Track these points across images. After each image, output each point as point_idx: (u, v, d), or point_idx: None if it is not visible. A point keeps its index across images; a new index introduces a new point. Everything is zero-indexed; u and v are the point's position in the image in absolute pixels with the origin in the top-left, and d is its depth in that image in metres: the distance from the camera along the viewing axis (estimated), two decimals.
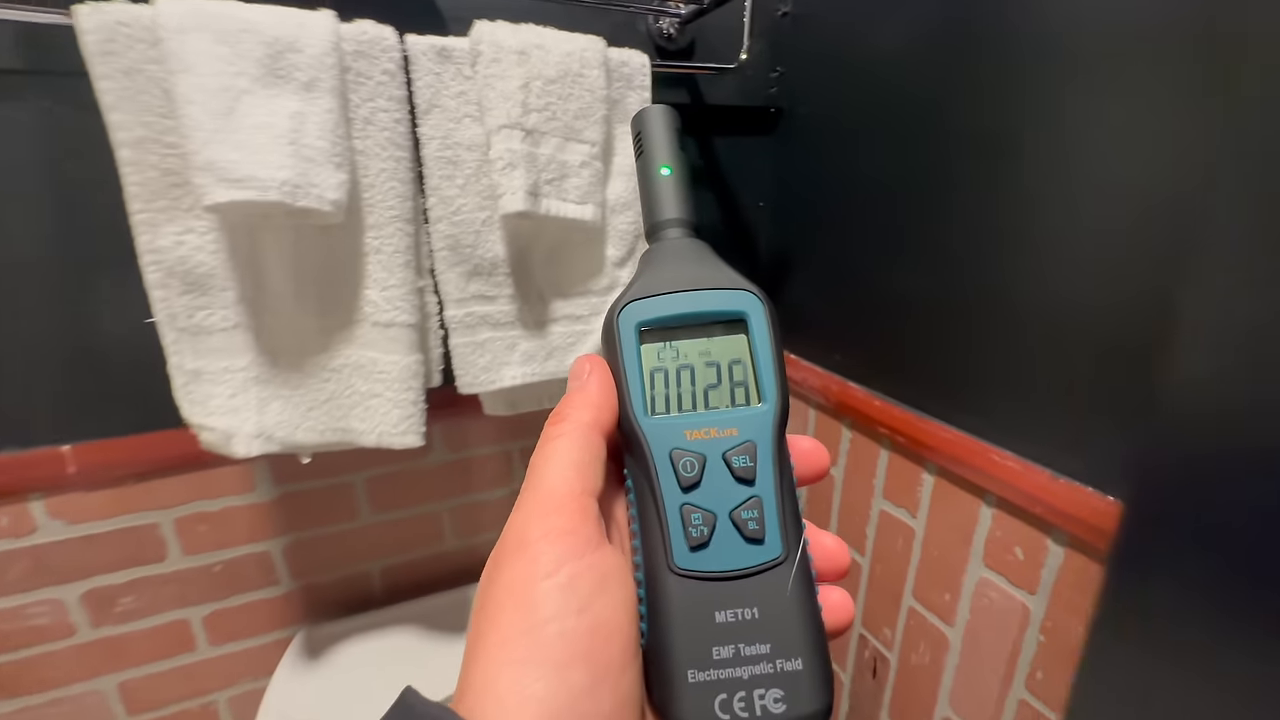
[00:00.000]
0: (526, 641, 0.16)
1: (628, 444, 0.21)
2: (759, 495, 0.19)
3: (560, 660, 0.16)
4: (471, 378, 0.59)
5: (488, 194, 0.56)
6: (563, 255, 0.61)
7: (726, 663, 0.18)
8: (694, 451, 0.19)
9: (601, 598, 0.17)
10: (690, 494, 0.19)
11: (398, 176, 0.52)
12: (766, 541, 0.19)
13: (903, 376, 0.70)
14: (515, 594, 0.17)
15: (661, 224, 0.23)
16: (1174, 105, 0.43)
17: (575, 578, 0.17)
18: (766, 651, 0.18)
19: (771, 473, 0.20)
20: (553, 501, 0.18)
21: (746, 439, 0.20)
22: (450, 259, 0.57)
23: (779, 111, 0.85)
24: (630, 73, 0.58)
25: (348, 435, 0.56)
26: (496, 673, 0.15)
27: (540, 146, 0.54)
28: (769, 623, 0.18)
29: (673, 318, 0.21)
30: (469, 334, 0.59)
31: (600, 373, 0.21)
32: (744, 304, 0.21)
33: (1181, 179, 0.43)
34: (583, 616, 0.16)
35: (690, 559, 0.19)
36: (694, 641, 0.18)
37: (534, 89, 0.53)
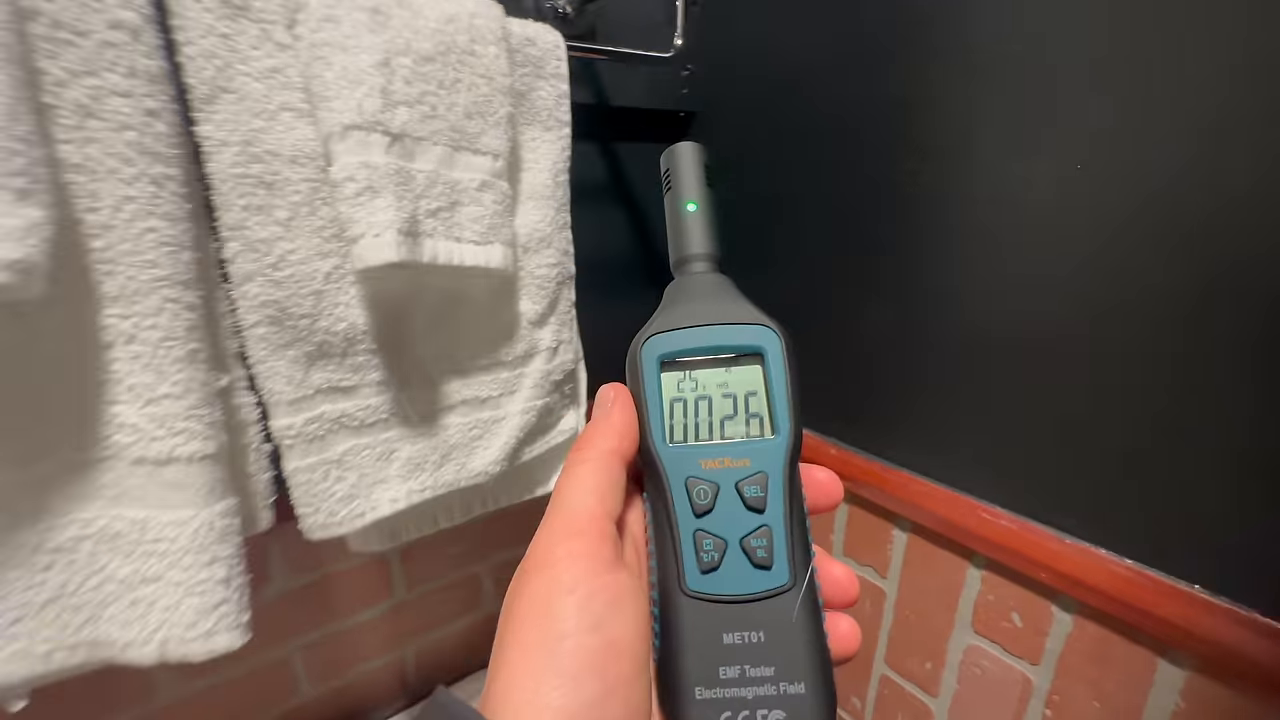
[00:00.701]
0: (544, 653, 0.17)
1: (647, 470, 0.21)
2: (768, 524, 0.20)
3: (574, 672, 0.16)
4: (326, 515, 0.38)
5: (332, 233, 0.36)
6: (457, 317, 0.42)
7: (732, 682, 0.18)
8: (708, 480, 0.20)
9: (615, 616, 0.18)
10: (703, 520, 0.20)
11: (160, 210, 0.30)
12: (774, 568, 0.19)
13: (860, 420, 0.61)
14: (537, 608, 0.18)
15: (687, 258, 0.24)
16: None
17: (591, 596, 0.18)
18: (771, 674, 0.18)
19: (781, 502, 0.20)
20: (575, 525, 0.19)
21: (759, 469, 0.20)
22: (274, 338, 0.35)
23: (689, 116, 0.72)
24: (539, 55, 0.41)
25: (99, 651, 0.32)
26: (517, 680, 0.16)
27: (416, 160, 0.35)
28: (774, 646, 0.19)
29: (693, 350, 0.22)
30: (317, 450, 0.37)
31: (623, 401, 0.21)
32: (761, 339, 0.22)
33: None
34: (596, 633, 0.17)
35: (701, 581, 0.19)
36: (702, 660, 0.19)
37: (399, 70, 0.34)
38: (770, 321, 0.22)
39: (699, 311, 0.22)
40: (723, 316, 0.22)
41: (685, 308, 0.22)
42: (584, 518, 0.19)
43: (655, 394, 0.21)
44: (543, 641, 0.17)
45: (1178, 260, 0.38)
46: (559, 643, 0.17)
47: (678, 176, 0.24)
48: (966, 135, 0.47)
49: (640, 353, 0.22)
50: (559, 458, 0.51)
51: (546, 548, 0.19)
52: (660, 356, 0.21)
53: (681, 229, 0.24)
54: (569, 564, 0.18)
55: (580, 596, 0.17)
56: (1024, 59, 0.43)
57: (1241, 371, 0.37)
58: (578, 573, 0.18)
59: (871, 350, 0.57)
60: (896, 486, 0.59)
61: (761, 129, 0.64)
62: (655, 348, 0.21)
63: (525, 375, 0.45)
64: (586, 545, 0.18)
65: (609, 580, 0.18)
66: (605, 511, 0.19)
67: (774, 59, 0.61)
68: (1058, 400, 0.46)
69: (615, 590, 0.18)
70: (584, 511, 0.19)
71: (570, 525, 0.19)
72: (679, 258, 0.24)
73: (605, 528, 0.19)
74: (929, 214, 0.51)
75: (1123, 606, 0.45)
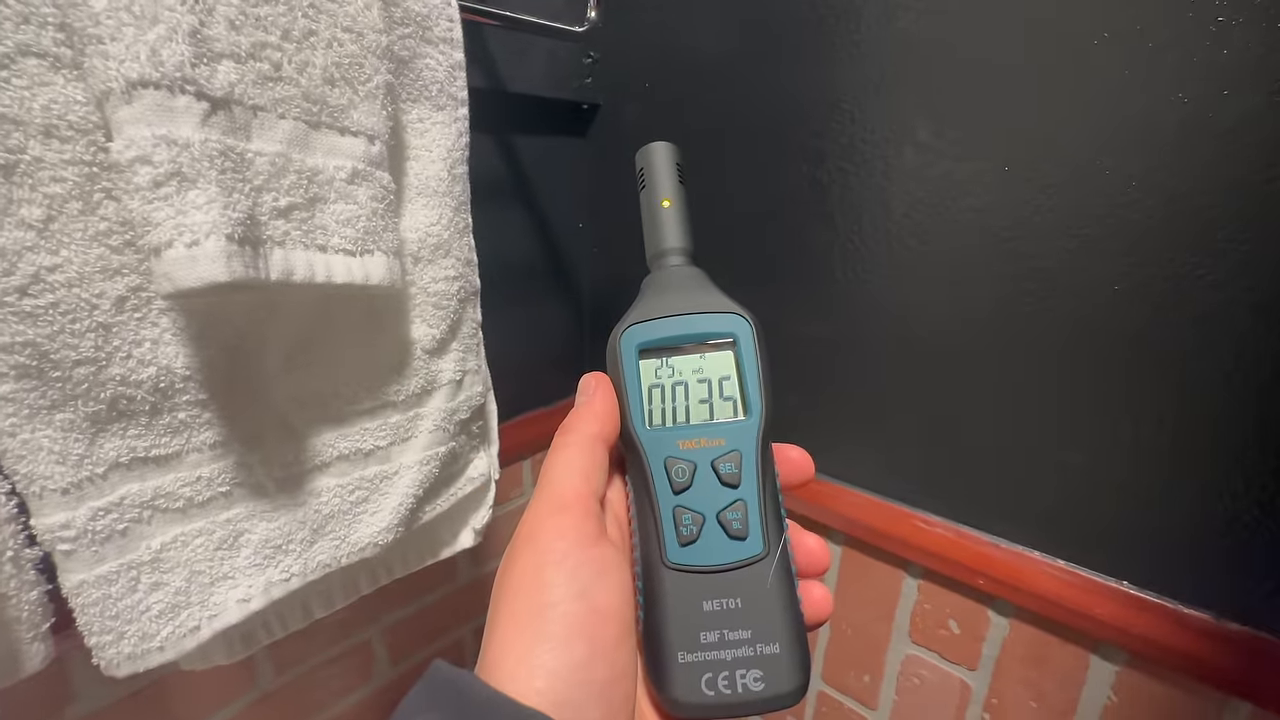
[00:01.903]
0: (536, 619, 0.18)
1: (628, 452, 0.23)
2: (743, 498, 0.21)
3: (563, 636, 0.18)
4: (136, 641, 0.26)
5: (121, 240, 0.24)
6: (327, 348, 0.32)
7: (712, 646, 0.20)
8: (685, 459, 0.21)
9: (599, 584, 0.19)
10: (681, 496, 0.21)
11: None
12: (749, 539, 0.21)
13: (789, 432, 0.58)
14: (527, 579, 0.19)
15: (663, 252, 0.25)
16: None
17: (578, 567, 0.19)
18: (748, 637, 0.20)
19: (755, 478, 0.21)
20: (560, 501, 0.20)
21: (733, 448, 0.22)
22: (30, 397, 0.23)
23: (594, 108, 0.66)
24: (425, 12, 0.32)
25: None
26: (511, 644, 0.18)
27: (253, 139, 0.25)
28: (750, 611, 0.20)
29: (669, 339, 0.23)
30: (115, 551, 0.26)
31: (604, 388, 0.23)
32: (733, 326, 0.23)
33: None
34: (583, 600, 0.18)
35: (681, 554, 0.21)
36: (684, 627, 0.20)
37: (221, 7, 0.23)
38: (742, 310, 0.23)
39: (674, 302, 0.23)
40: (697, 306, 0.23)
41: (661, 298, 0.23)
42: (569, 495, 0.20)
43: (634, 380, 0.22)
44: (533, 609, 0.18)
45: (1117, 264, 0.38)
46: (548, 609, 0.18)
47: (652, 174, 0.26)
48: (886, 132, 0.45)
49: (620, 342, 0.23)
50: (469, 511, 0.42)
51: (534, 524, 0.20)
52: (639, 345, 0.23)
53: (657, 225, 0.25)
54: (556, 537, 0.19)
55: (568, 567, 0.19)
56: (944, 50, 0.41)
57: (1158, 370, 0.38)
58: (565, 546, 0.19)
59: (798, 356, 0.54)
60: (828, 498, 0.57)
61: (669, 127, 0.59)
62: (634, 337, 0.23)
63: (422, 417, 0.36)
64: (572, 520, 0.20)
65: (594, 553, 0.19)
66: (590, 490, 0.21)
67: (681, 52, 0.56)
68: (986, 407, 0.45)
69: (600, 562, 0.19)
70: (570, 489, 0.20)
71: (556, 502, 0.20)
72: (655, 252, 0.25)
73: (590, 505, 0.20)
74: (849, 217, 0.48)
75: (1057, 607, 0.45)
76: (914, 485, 0.52)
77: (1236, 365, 0.35)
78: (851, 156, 0.47)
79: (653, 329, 0.23)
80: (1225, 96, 0.33)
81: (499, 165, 0.59)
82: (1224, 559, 0.38)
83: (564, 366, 0.71)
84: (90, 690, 0.44)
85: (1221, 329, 0.35)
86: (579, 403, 0.23)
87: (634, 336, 0.23)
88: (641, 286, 0.25)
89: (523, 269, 0.64)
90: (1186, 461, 0.38)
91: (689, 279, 0.24)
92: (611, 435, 0.22)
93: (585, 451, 0.21)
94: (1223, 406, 0.36)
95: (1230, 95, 0.33)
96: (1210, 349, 0.36)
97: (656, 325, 0.23)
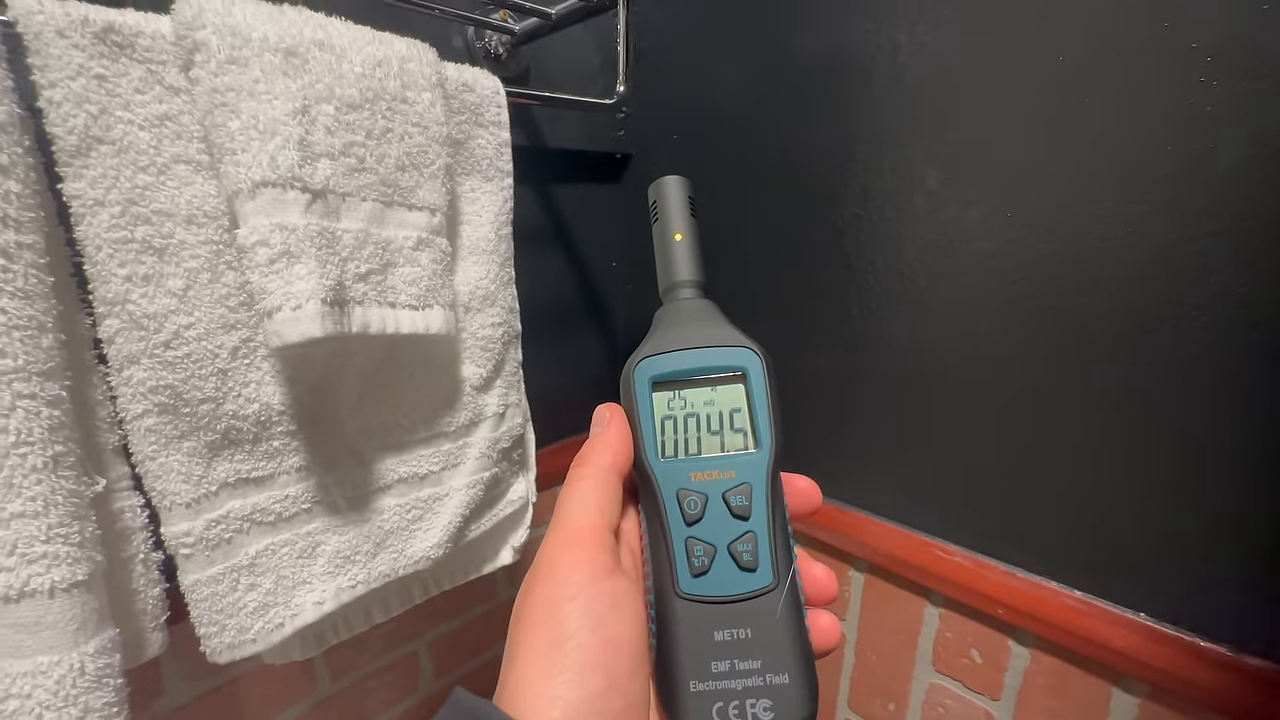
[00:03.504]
0: (552, 651, 0.18)
1: (641, 483, 0.23)
2: (753, 530, 0.21)
3: (579, 667, 0.18)
4: (235, 633, 0.32)
5: (238, 302, 0.30)
6: (392, 388, 0.37)
7: (723, 675, 0.20)
8: (697, 491, 0.22)
9: (614, 617, 0.19)
10: (693, 528, 0.22)
11: (11, 287, 0.24)
12: (759, 571, 0.21)
13: (810, 463, 0.61)
14: (544, 611, 0.19)
15: (674, 285, 0.26)
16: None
17: (593, 600, 0.19)
18: (758, 667, 0.20)
19: (765, 510, 0.22)
20: (576, 535, 0.21)
21: (743, 480, 0.22)
22: (166, 429, 0.29)
23: (627, 158, 0.72)
24: (477, 102, 0.38)
25: None
26: (529, 675, 0.18)
27: (342, 219, 0.31)
28: (760, 642, 0.20)
29: (681, 372, 0.23)
30: (222, 556, 0.31)
31: (619, 420, 0.23)
32: (744, 360, 0.23)
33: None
34: (598, 632, 0.19)
35: (693, 584, 0.21)
36: (695, 656, 0.20)
37: (320, 119, 0.30)
38: (752, 344, 0.24)
39: (686, 335, 0.24)
40: (708, 340, 0.23)
41: (674, 332, 0.24)
42: (584, 528, 0.21)
43: (648, 412, 0.23)
44: (550, 641, 0.18)
45: (1118, 304, 0.40)
46: (565, 642, 0.18)
47: (665, 208, 0.26)
48: (897, 180, 0.48)
49: (633, 374, 0.23)
50: (509, 530, 0.47)
51: (551, 557, 0.20)
52: (652, 377, 0.23)
53: (669, 258, 0.26)
54: (571, 571, 0.20)
55: (583, 601, 0.19)
56: (949, 105, 0.45)
57: (1175, 408, 0.39)
58: (580, 579, 0.20)
59: (818, 389, 0.57)
60: (850, 526, 0.58)
61: (695, 173, 0.63)
62: (647, 370, 0.23)
63: (470, 446, 0.41)
64: (587, 554, 0.20)
65: (608, 585, 0.20)
66: (604, 522, 0.21)
67: (705, 106, 0.61)
68: (1003, 439, 0.47)
69: (614, 594, 0.20)
70: (584, 523, 0.21)
71: (571, 535, 0.21)
72: (667, 284, 0.26)
73: (604, 537, 0.21)
74: (864, 258, 0.52)
75: (1076, 638, 0.46)
76: (933, 514, 0.53)
77: (1237, 403, 0.36)
78: (865, 202, 0.51)
79: (665, 362, 0.23)
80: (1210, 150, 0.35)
81: (540, 214, 0.65)
82: (1241, 592, 0.39)
83: (598, 396, 0.75)
84: (176, 686, 0.50)
85: (1217, 368, 0.37)
86: (593, 433, 0.23)
87: (647, 369, 0.23)
88: (654, 319, 0.25)
89: (561, 306, 0.69)
90: (1201, 495, 0.39)
91: (700, 312, 0.25)
92: (625, 465, 0.23)
93: (600, 483, 0.22)
94: (1237, 441, 0.37)
95: (1216, 148, 0.35)
96: (1210, 386, 0.37)
97: (669, 359, 0.23)
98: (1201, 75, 0.35)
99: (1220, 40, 0.34)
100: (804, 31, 0.52)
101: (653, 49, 0.65)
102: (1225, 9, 0.34)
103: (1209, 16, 0.34)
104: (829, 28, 0.50)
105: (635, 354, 0.24)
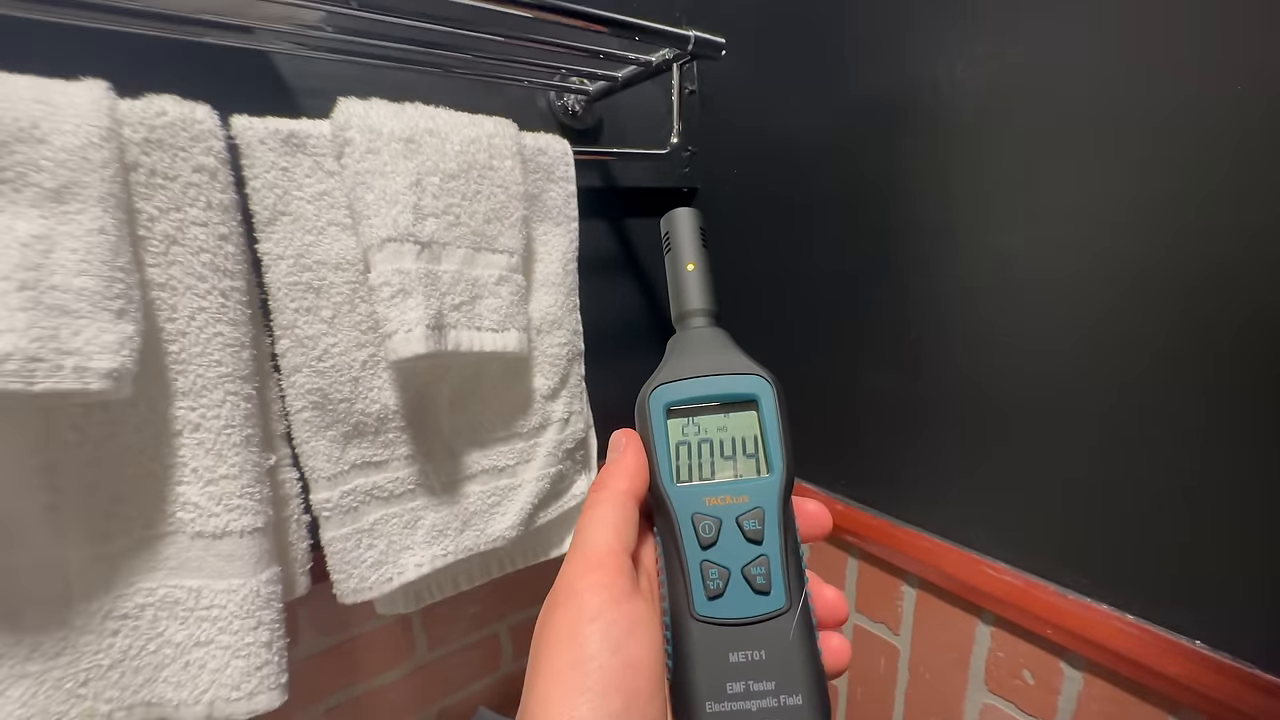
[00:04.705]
0: (574, 673, 0.19)
1: (657, 507, 0.24)
2: (766, 554, 0.22)
3: (600, 689, 0.19)
4: (358, 581, 0.42)
5: (367, 326, 0.40)
6: (477, 395, 0.46)
7: (738, 696, 0.21)
8: (712, 515, 0.23)
9: (633, 639, 0.20)
10: (708, 552, 0.22)
11: (226, 317, 0.35)
12: (772, 593, 0.22)
13: (867, 479, 0.63)
14: (565, 634, 0.20)
15: (687, 313, 0.27)
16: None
17: (612, 623, 0.20)
18: (772, 688, 0.21)
19: (777, 534, 0.22)
20: (595, 559, 0.21)
21: (756, 505, 0.23)
22: (316, 421, 0.40)
23: (693, 191, 0.78)
24: (550, 162, 0.47)
25: (153, 712, 0.36)
26: (551, 696, 0.19)
27: (442, 263, 0.40)
28: (774, 663, 0.21)
29: (695, 398, 0.24)
30: (350, 520, 0.41)
31: (634, 445, 0.24)
32: (756, 387, 0.24)
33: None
34: (617, 655, 0.20)
35: (708, 607, 0.22)
36: (711, 677, 0.21)
37: (429, 188, 0.39)
38: (763, 371, 0.24)
39: (700, 363, 0.25)
40: (721, 367, 0.24)
41: (687, 359, 0.25)
42: (603, 553, 0.21)
43: (663, 438, 0.24)
44: (571, 664, 0.19)
45: (1179, 326, 0.40)
46: (585, 664, 0.19)
47: (676, 240, 0.27)
48: (954, 210, 0.50)
49: (649, 401, 0.24)
50: (572, 520, 0.54)
51: (570, 581, 0.21)
52: (666, 404, 0.24)
53: (682, 287, 0.27)
54: (591, 595, 0.20)
55: (602, 624, 0.20)
56: (1002, 137, 0.46)
57: (1236, 432, 0.38)
58: (599, 603, 0.20)
59: (876, 411, 0.60)
60: (903, 543, 0.60)
61: (759, 203, 0.69)
62: (661, 397, 0.24)
63: (539, 445, 0.49)
64: (606, 578, 0.21)
65: (627, 609, 0.20)
66: (622, 546, 0.22)
67: (769, 140, 0.66)
68: (1056, 459, 0.47)
69: (633, 617, 0.20)
70: (603, 547, 0.22)
71: (590, 560, 0.21)
72: (680, 313, 0.27)
73: (622, 561, 0.22)
74: (920, 283, 0.54)
75: (1128, 664, 0.45)
76: (983, 533, 0.54)
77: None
78: (921, 230, 0.52)
79: (680, 389, 0.24)
80: None
81: (612, 245, 0.73)
82: None
83: None
84: (309, 639, 0.61)
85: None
86: (610, 459, 0.24)
87: (662, 396, 0.24)
88: (668, 346, 0.26)
89: (627, 325, 0.77)
90: (1254, 523, 0.38)
91: (713, 340, 0.26)
92: (641, 490, 0.23)
93: (617, 508, 0.22)
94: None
95: None
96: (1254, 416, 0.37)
97: (683, 386, 0.24)
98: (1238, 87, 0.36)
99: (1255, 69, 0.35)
100: (859, 71, 0.55)
101: (716, 94, 0.72)
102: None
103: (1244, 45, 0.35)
104: (884, 67, 0.53)
105: (650, 381, 0.25)
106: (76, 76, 0.31)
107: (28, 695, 0.33)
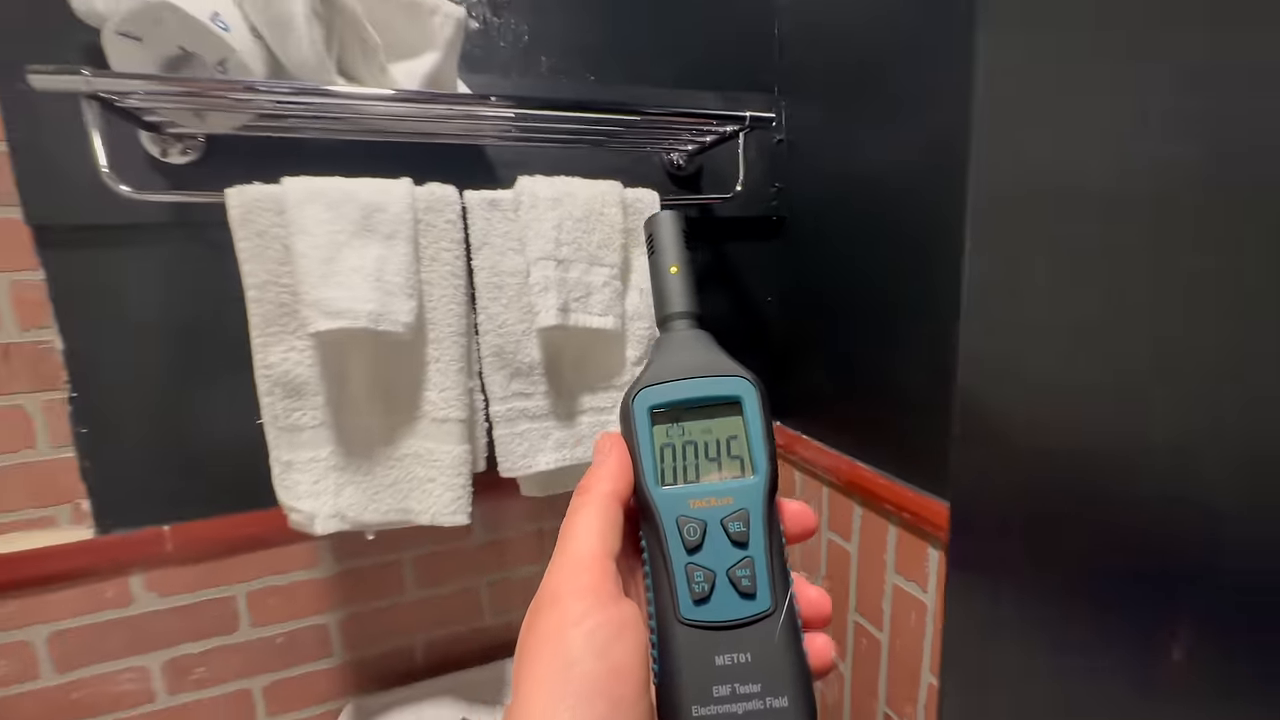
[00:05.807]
0: (559, 678, 0.19)
1: (642, 510, 0.24)
2: (751, 556, 0.22)
3: (585, 694, 0.19)
4: (511, 463, 0.69)
5: (526, 311, 0.68)
6: (589, 357, 0.72)
7: (725, 699, 0.21)
8: (696, 518, 0.23)
9: (618, 644, 0.20)
10: (693, 555, 0.22)
11: (455, 300, 0.64)
12: (757, 596, 0.22)
13: (906, 458, 0.75)
14: (550, 639, 0.20)
15: (671, 316, 0.27)
16: None
17: (597, 627, 0.20)
18: (758, 690, 0.21)
19: (762, 536, 0.23)
20: (579, 563, 0.22)
21: (740, 507, 0.23)
22: (495, 364, 0.68)
23: (781, 220, 0.96)
24: (643, 207, 0.71)
25: (407, 515, 0.65)
26: (536, 701, 0.19)
27: (569, 272, 0.66)
28: (760, 666, 0.21)
29: (679, 401, 0.24)
30: (510, 426, 0.69)
31: (619, 449, 0.24)
32: (739, 389, 0.24)
33: None
34: (602, 659, 0.20)
35: (694, 611, 0.22)
36: (697, 681, 0.21)
37: (565, 227, 0.65)
38: (746, 373, 0.25)
39: (684, 365, 0.25)
40: (704, 370, 0.24)
41: (671, 361, 0.25)
42: (587, 557, 0.22)
43: (647, 441, 0.24)
44: (556, 668, 0.19)
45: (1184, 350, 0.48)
46: (570, 669, 0.19)
47: (660, 243, 0.27)
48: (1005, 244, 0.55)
49: (633, 404, 0.24)
50: None
51: (555, 586, 0.21)
52: (650, 407, 0.24)
53: (665, 290, 0.27)
54: (575, 600, 0.21)
55: (587, 628, 0.20)
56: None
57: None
58: (584, 607, 0.20)
59: (915, 404, 0.70)
60: (931, 512, 0.72)
61: (836, 228, 0.82)
62: (646, 399, 0.24)
63: None
64: (590, 581, 0.21)
65: (612, 613, 0.21)
66: (606, 550, 0.22)
67: (843, 177, 0.78)
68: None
69: (618, 621, 0.20)
70: (587, 551, 0.22)
71: (575, 564, 0.21)
72: (664, 315, 0.27)
73: (606, 565, 0.22)
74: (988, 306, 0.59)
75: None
76: None
77: None
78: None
79: (663, 392, 0.24)
80: None
81: (714, 263, 0.94)
82: None
83: None
84: (479, 530, 0.90)
85: None
86: (595, 462, 0.24)
87: (646, 399, 0.24)
88: (652, 348, 0.27)
89: (728, 332, 0.97)
90: None
91: (696, 342, 0.26)
92: (626, 493, 0.23)
93: (601, 511, 0.22)
94: None
95: None
96: None
97: (667, 388, 0.24)
98: None
99: None
100: (922, 115, 0.64)
101: (799, 139, 0.90)
102: None
103: None
104: (943, 108, 0.62)
105: (634, 384, 0.25)
106: (396, 175, 0.62)
107: (355, 494, 0.64)
